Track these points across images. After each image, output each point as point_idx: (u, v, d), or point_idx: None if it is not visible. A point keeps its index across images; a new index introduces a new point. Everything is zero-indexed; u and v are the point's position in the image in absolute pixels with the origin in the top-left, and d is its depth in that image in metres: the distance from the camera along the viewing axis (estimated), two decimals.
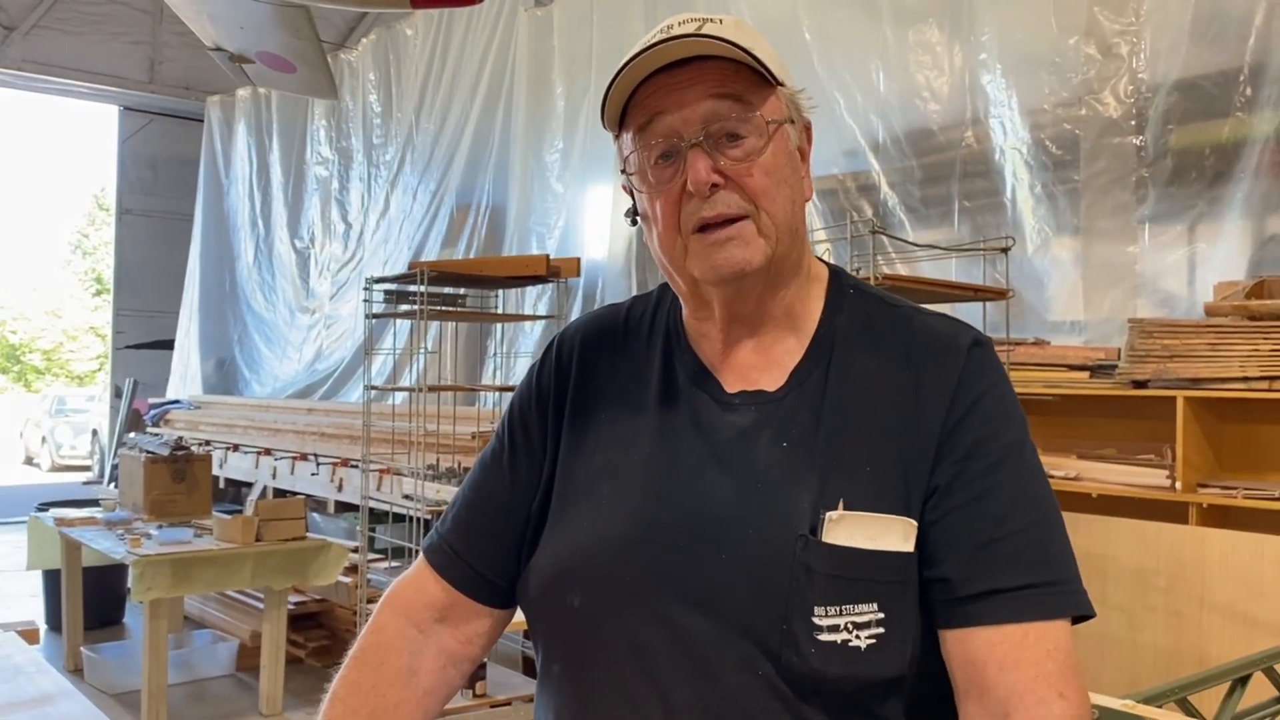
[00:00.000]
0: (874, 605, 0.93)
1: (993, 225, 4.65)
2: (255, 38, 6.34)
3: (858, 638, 0.93)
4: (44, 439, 18.13)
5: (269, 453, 7.36)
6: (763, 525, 0.97)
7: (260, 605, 5.06)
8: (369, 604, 4.71)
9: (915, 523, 0.96)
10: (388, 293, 4.94)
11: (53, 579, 5.81)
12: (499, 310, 5.99)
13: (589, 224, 6.85)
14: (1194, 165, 4.04)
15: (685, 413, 1.06)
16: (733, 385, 1.06)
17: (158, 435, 8.25)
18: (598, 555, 1.02)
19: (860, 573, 0.94)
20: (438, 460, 4.95)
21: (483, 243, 7.48)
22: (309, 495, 6.48)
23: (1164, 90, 4.11)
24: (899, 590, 0.95)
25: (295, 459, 7.01)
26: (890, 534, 0.95)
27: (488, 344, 7.26)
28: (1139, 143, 4.20)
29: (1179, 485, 3.50)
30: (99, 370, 25.87)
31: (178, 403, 9.74)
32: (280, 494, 6.73)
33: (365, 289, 4.75)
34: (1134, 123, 4.21)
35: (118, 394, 10.84)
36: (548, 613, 1.06)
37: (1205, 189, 4.01)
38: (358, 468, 5.37)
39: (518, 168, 7.24)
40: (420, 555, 1.19)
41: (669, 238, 1.03)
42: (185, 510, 5.27)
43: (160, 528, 4.95)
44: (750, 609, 0.95)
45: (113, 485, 8.33)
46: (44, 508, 5.91)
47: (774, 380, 1.05)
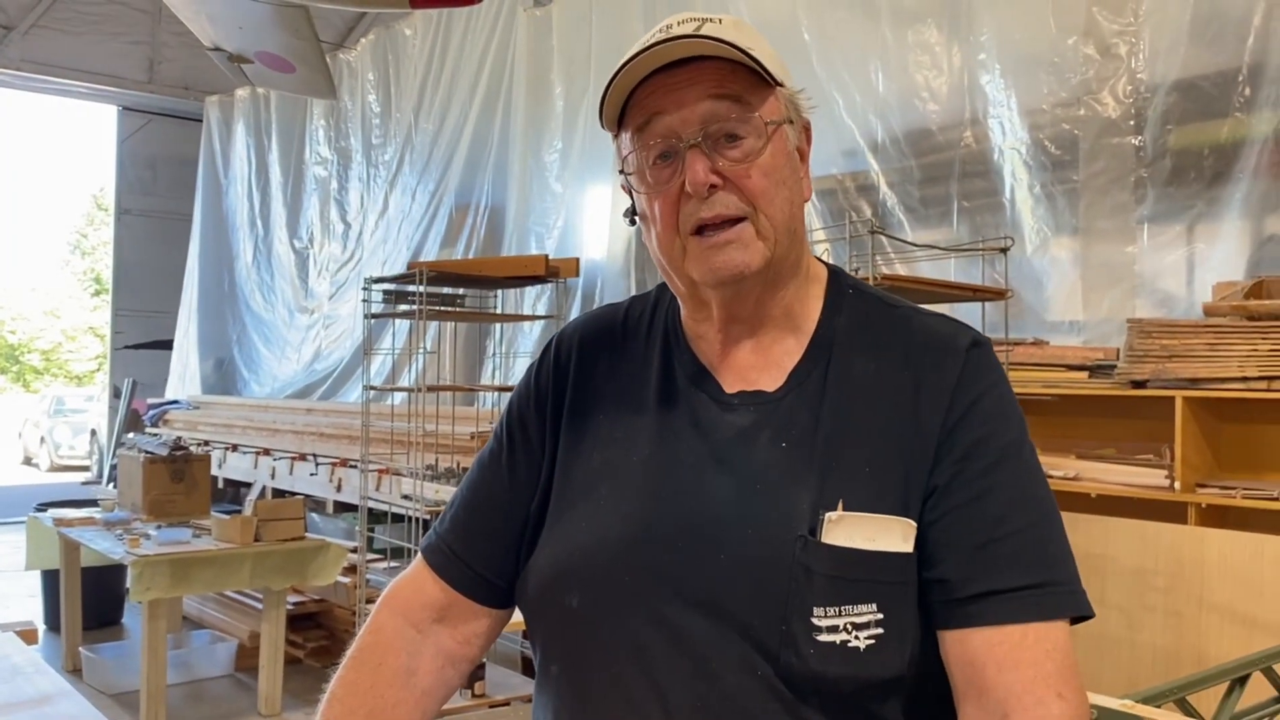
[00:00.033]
0: (873, 606, 0.93)
1: (992, 225, 4.65)
2: (254, 38, 6.34)
3: (857, 638, 0.92)
4: (43, 439, 18.12)
5: (268, 453, 7.35)
6: (762, 526, 0.97)
7: (259, 605, 5.06)
8: (368, 604, 4.71)
9: (914, 523, 0.96)
10: (386, 293, 4.94)
11: (51, 579, 5.81)
12: (498, 310, 5.99)
13: (588, 224, 6.85)
14: (1193, 165, 4.04)
15: (684, 413, 1.06)
16: (732, 385, 1.06)
17: (156, 435, 8.24)
18: (596, 555, 1.02)
19: (859, 573, 0.94)
20: (436, 460, 4.94)
21: (482, 243, 7.47)
22: (308, 495, 6.48)
23: (1163, 90, 4.11)
24: (898, 591, 0.95)
25: (294, 459, 7.00)
26: (889, 535, 0.95)
27: (486, 344, 7.26)
28: (1138, 143, 4.20)
29: (1178, 485, 3.50)
30: (98, 370, 25.85)
31: (176, 403, 9.73)
32: (279, 494, 6.72)
33: (364, 289, 4.75)
34: (1133, 123, 4.21)
35: (116, 394, 10.83)
36: (546, 613, 1.06)
37: (1204, 189, 4.01)
38: (356, 468, 5.37)
39: (517, 168, 7.24)
40: (418, 555, 1.19)
41: (667, 238, 1.03)
42: (184, 510, 5.27)
43: (159, 528, 4.94)
44: (749, 609, 0.95)
45: (111, 485, 8.32)
46: (43, 508, 5.91)
47: (773, 381, 1.05)
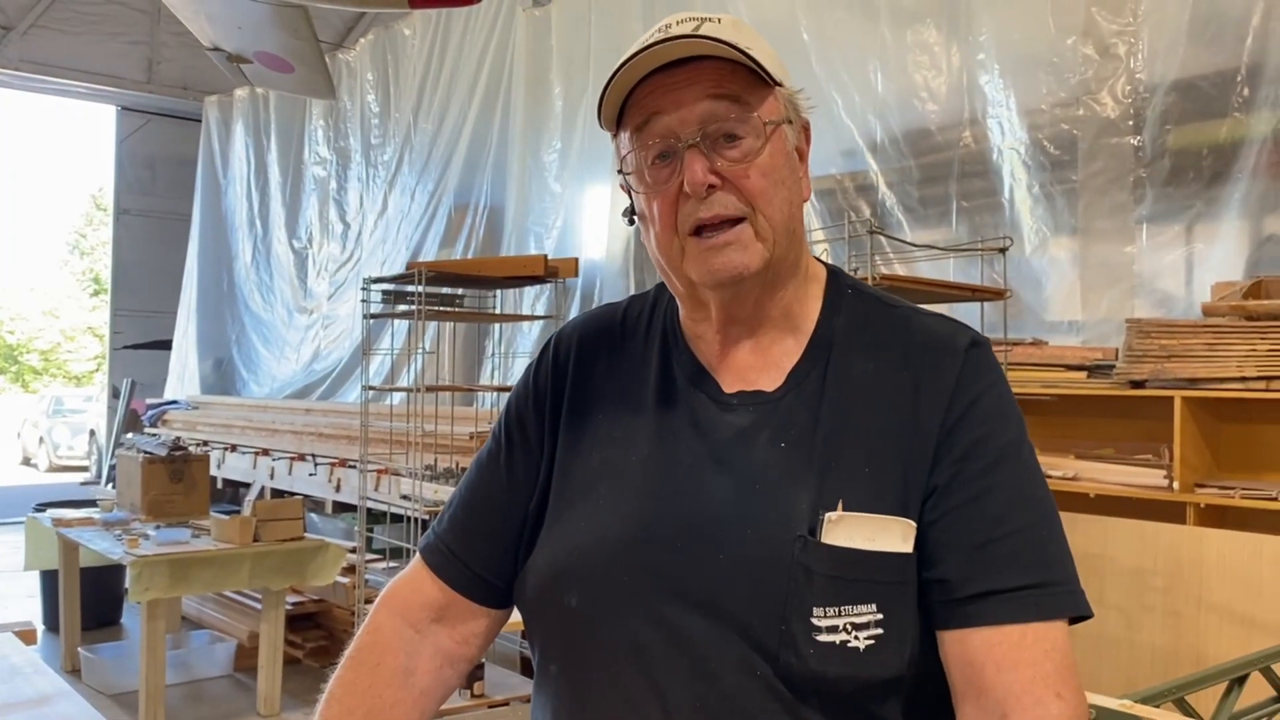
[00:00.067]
0: (873, 606, 0.93)
1: (990, 225, 4.66)
2: (253, 38, 6.33)
3: (856, 638, 0.92)
4: (41, 439, 18.11)
5: (267, 453, 7.34)
6: (761, 526, 0.97)
7: (258, 605, 5.05)
8: (367, 604, 4.70)
9: (914, 524, 0.96)
10: (385, 293, 4.94)
11: (50, 579, 5.81)
12: (497, 310, 5.99)
13: (587, 224, 6.85)
14: (1191, 165, 4.05)
15: (683, 413, 1.06)
16: (731, 386, 1.06)
17: (155, 435, 8.24)
18: (595, 555, 1.02)
19: (859, 573, 0.94)
20: (435, 460, 4.94)
21: (481, 243, 7.47)
22: (307, 495, 6.48)
23: (1161, 90, 4.11)
24: (898, 591, 0.94)
25: (293, 459, 7.00)
26: (889, 535, 0.95)
27: (485, 344, 7.26)
28: (1137, 143, 4.20)
29: (1176, 485, 3.50)
30: (96, 370, 25.83)
31: (175, 403, 9.72)
32: (278, 494, 6.72)
33: (363, 289, 4.74)
34: (1131, 123, 4.21)
35: (115, 394, 10.83)
36: (545, 613, 1.06)
37: (1203, 189, 4.01)
38: (355, 468, 5.36)
39: (516, 168, 7.24)
40: (416, 555, 1.19)
41: (666, 238, 1.03)
42: (183, 511, 5.26)
43: (158, 528, 4.94)
44: (749, 609, 0.95)
45: (110, 486, 8.32)
46: (41, 508, 5.91)
47: (772, 381, 1.05)
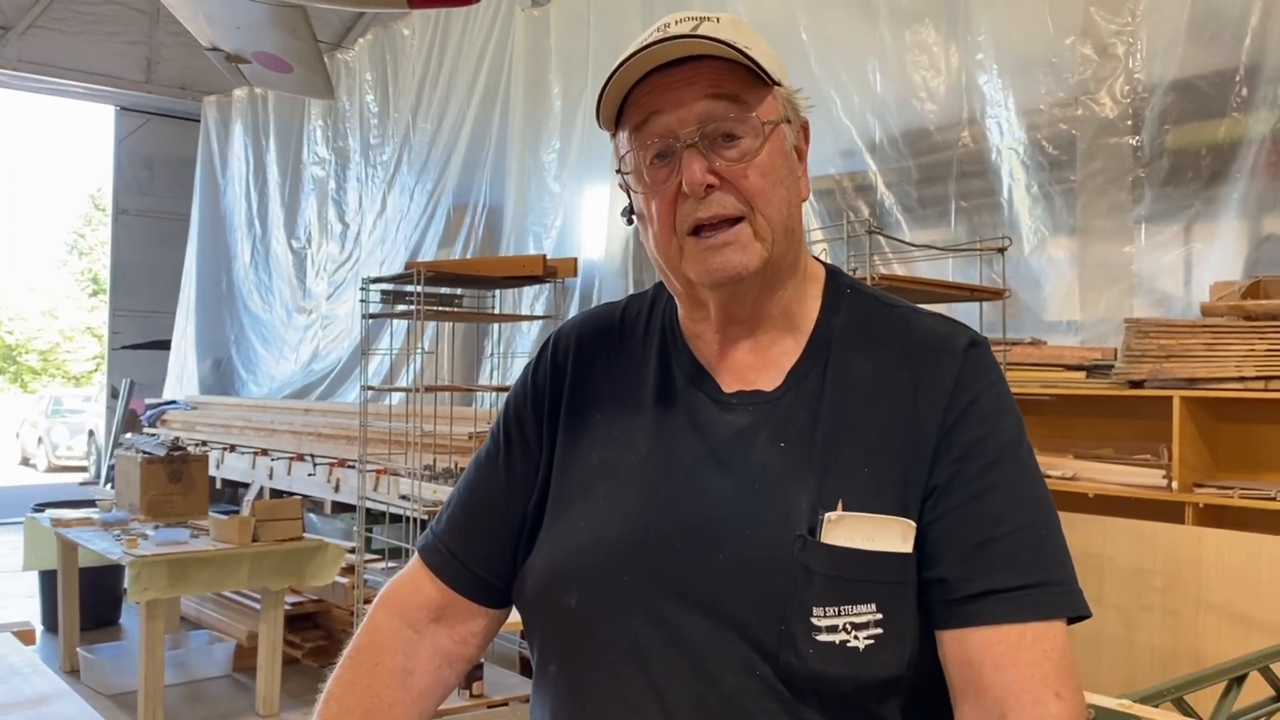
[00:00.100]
0: (872, 606, 0.93)
1: (989, 225, 4.66)
2: (252, 38, 6.33)
3: (856, 638, 0.92)
4: (40, 439, 18.11)
5: (266, 453, 7.34)
6: (761, 525, 0.97)
7: (257, 606, 5.05)
8: (366, 604, 4.70)
9: (913, 523, 0.96)
10: (384, 293, 4.94)
11: (49, 580, 5.81)
12: (496, 310, 5.98)
13: (586, 224, 6.85)
14: (1190, 165, 4.05)
15: (682, 413, 1.06)
16: (730, 385, 1.06)
17: (154, 436, 8.23)
18: (595, 555, 1.02)
19: (859, 573, 0.94)
20: (434, 460, 4.94)
21: (480, 243, 7.47)
22: (306, 496, 6.47)
23: (1160, 90, 4.11)
24: (897, 591, 0.95)
25: (292, 459, 6.99)
26: (889, 534, 0.95)
27: (484, 344, 7.26)
28: (1135, 143, 4.20)
29: (1175, 485, 3.50)
30: (95, 371, 25.82)
31: (174, 403, 9.72)
32: (277, 494, 6.71)
33: (362, 289, 4.74)
34: (1130, 123, 4.21)
35: (114, 394, 10.82)
36: (544, 612, 1.06)
37: (1201, 189, 4.01)
38: (354, 468, 5.36)
39: (515, 168, 7.23)
40: (415, 555, 1.19)
41: (664, 238, 1.02)
42: (182, 511, 5.26)
43: (157, 528, 4.94)
44: (748, 609, 0.95)
45: (109, 486, 8.31)
46: (40, 508, 5.90)
47: (771, 380, 1.05)
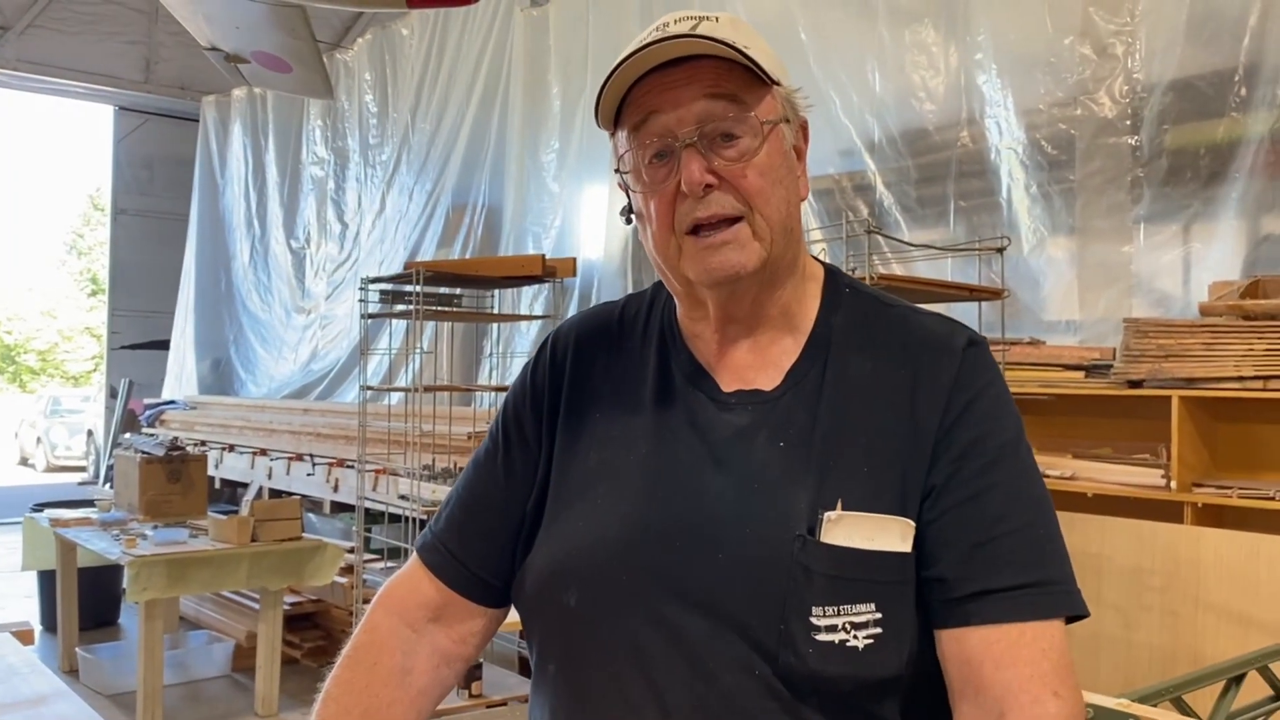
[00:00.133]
0: (872, 605, 0.93)
1: (988, 225, 4.66)
2: (251, 37, 6.33)
3: (855, 638, 0.92)
4: (39, 439, 18.10)
5: (264, 453, 7.34)
6: (760, 525, 0.97)
7: (256, 606, 5.05)
8: (364, 604, 4.70)
9: (913, 523, 0.96)
10: (383, 293, 4.93)
11: (48, 580, 5.80)
12: (495, 310, 5.98)
13: (585, 224, 6.85)
14: (1189, 165, 4.05)
15: (682, 412, 1.06)
16: (729, 385, 1.06)
17: (153, 436, 8.23)
18: (594, 555, 1.02)
19: (858, 573, 0.94)
20: (433, 460, 4.94)
21: (479, 243, 7.47)
22: (305, 496, 6.47)
23: (1159, 90, 4.11)
24: (897, 590, 0.95)
25: (291, 459, 6.99)
26: (888, 534, 0.95)
27: (483, 344, 7.26)
28: (1134, 143, 4.20)
29: (1174, 485, 3.50)
30: (94, 371, 25.82)
31: (173, 403, 9.72)
32: (276, 494, 6.71)
33: (361, 289, 4.74)
34: (1129, 123, 4.21)
35: (113, 394, 10.82)
36: (543, 612, 1.06)
37: (1200, 189, 4.02)
38: (353, 468, 5.36)
39: (514, 168, 7.23)
40: (413, 554, 1.18)
41: (663, 238, 1.02)
42: (181, 511, 5.26)
43: (155, 528, 4.94)
44: (748, 609, 0.95)
45: (108, 486, 8.30)
46: (39, 508, 5.90)
47: (770, 380, 1.05)
